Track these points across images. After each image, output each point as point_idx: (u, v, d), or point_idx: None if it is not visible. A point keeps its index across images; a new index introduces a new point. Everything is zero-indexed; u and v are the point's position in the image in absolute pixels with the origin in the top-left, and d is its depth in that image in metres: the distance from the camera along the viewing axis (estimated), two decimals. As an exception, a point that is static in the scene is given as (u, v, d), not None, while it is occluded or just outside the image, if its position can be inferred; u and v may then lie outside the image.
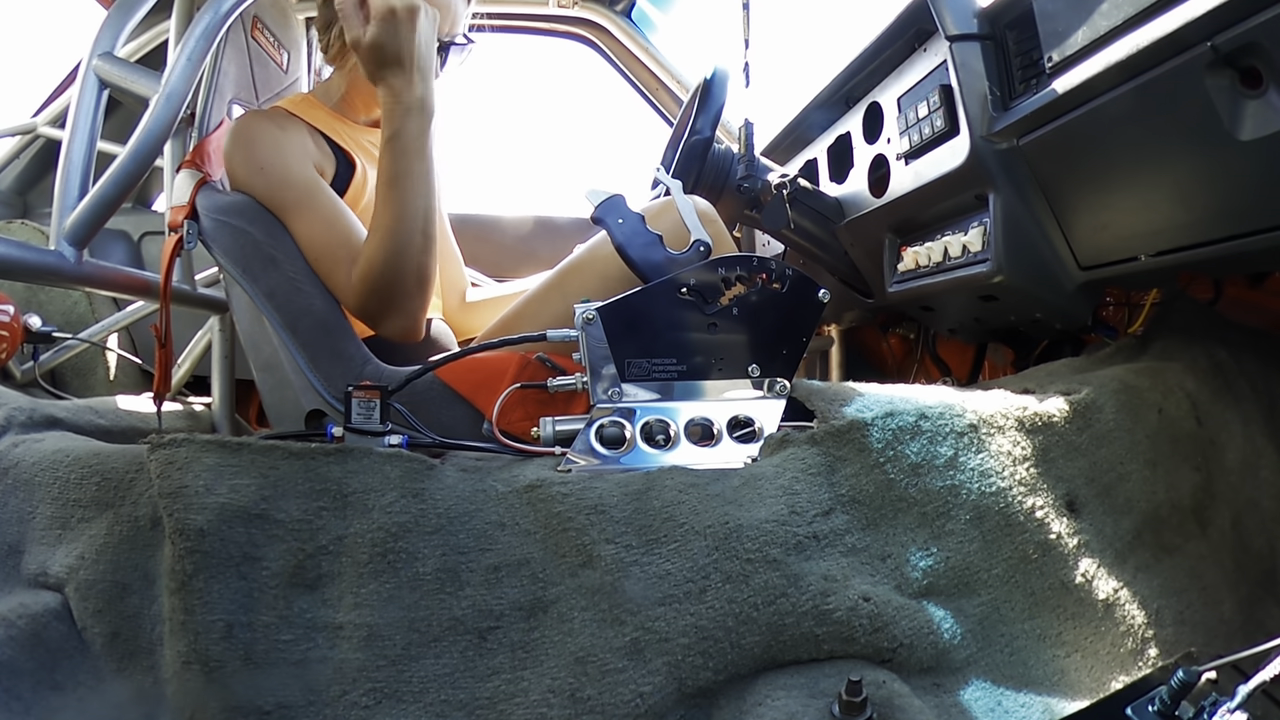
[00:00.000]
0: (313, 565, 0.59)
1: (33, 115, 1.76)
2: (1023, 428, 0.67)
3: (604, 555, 0.57)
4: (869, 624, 0.55)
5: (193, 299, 1.30)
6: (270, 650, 0.57)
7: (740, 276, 0.73)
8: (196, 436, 0.63)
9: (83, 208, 0.98)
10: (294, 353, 0.98)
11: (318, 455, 0.62)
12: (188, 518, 0.58)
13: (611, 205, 0.79)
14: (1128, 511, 0.67)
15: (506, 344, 0.79)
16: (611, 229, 0.78)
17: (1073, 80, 0.68)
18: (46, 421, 0.87)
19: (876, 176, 1.05)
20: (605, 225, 0.78)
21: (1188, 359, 0.80)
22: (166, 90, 0.97)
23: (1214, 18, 0.54)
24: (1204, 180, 0.64)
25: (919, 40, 0.93)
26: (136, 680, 0.60)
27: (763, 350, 0.73)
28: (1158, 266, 0.73)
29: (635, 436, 0.68)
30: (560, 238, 1.86)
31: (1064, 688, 0.57)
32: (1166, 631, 0.62)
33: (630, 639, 0.55)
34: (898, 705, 0.50)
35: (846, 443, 0.63)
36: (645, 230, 0.78)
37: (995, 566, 0.61)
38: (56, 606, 0.62)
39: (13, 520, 0.68)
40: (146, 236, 1.92)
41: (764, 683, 0.54)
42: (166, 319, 1.04)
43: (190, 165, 1.07)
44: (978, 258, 0.86)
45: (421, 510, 0.60)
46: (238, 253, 0.99)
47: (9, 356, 1.40)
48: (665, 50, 1.85)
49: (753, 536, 0.57)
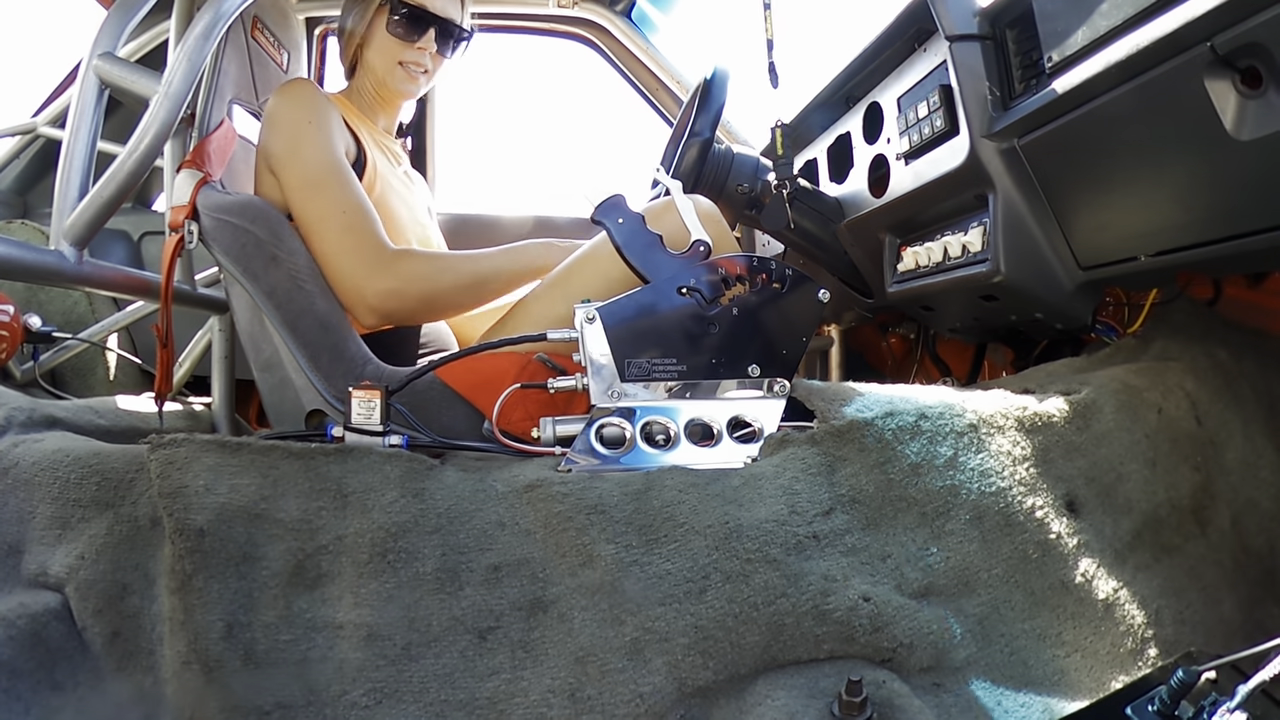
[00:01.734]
0: (313, 565, 0.59)
1: (33, 115, 1.76)
2: (1023, 428, 0.67)
3: (604, 555, 0.57)
4: (869, 624, 0.55)
5: (193, 299, 1.30)
6: (270, 650, 0.57)
7: (740, 276, 0.73)
8: (196, 436, 0.63)
9: (83, 208, 0.98)
10: (294, 352, 0.98)
11: (318, 455, 0.62)
12: (188, 517, 0.58)
13: (611, 205, 0.79)
14: (1127, 511, 0.67)
15: (507, 344, 0.79)
16: (611, 229, 0.78)
17: (1073, 80, 0.67)
18: (46, 421, 0.87)
19: (876, 176, 1.05)
20: (605, 226, 0.78)
21: (1188, 359, 0.80)
22: (166, 90, 0.97)
23: (1214, 18, 0.53)
24: (1204, 180, 0.64)
25: (919, 40, 0.93)
26: (136, 680, 0.60)
27: (762, 350, 0.73)
28: (1157, 266, 0.73)
29: (635, 436, 0.68)
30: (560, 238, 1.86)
31: (1064, 687, 0.57)
32: (1166, 631, 0.62)
33: (630, 638, 0.55)
34: (897, 705, 0.50)
35: (846, 443, 0.63)
36: (645, 231, 0.78)
37: (995, 566, 0.61)
38: (56, 606, 0.62)
39: (13, 520, 0.68)
40: (146, 236, 1.92)
41: (764, 682, 0.54)
42: (168, 319, 1.05)
43: (190, 165, 1.07)
44: (978, 258, 0.86)
45: (421, 510, 0.60)
46: (238, 252, 1.00)
47: (9, 356, 1.40)
48: (665, 50, 1.85)
49: (753, 536, 0.57)
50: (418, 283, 0.98)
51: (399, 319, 1.02)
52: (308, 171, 0.98)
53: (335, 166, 0.99)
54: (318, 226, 0.98)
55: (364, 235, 0.97)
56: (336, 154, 1.00)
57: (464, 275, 1.01)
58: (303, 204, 0.99)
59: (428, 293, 0.99)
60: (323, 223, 0.97)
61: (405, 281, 0.97)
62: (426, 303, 1.00)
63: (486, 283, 1.02)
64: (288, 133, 1.00)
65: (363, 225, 0.97)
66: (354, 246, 0.96)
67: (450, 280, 1.00)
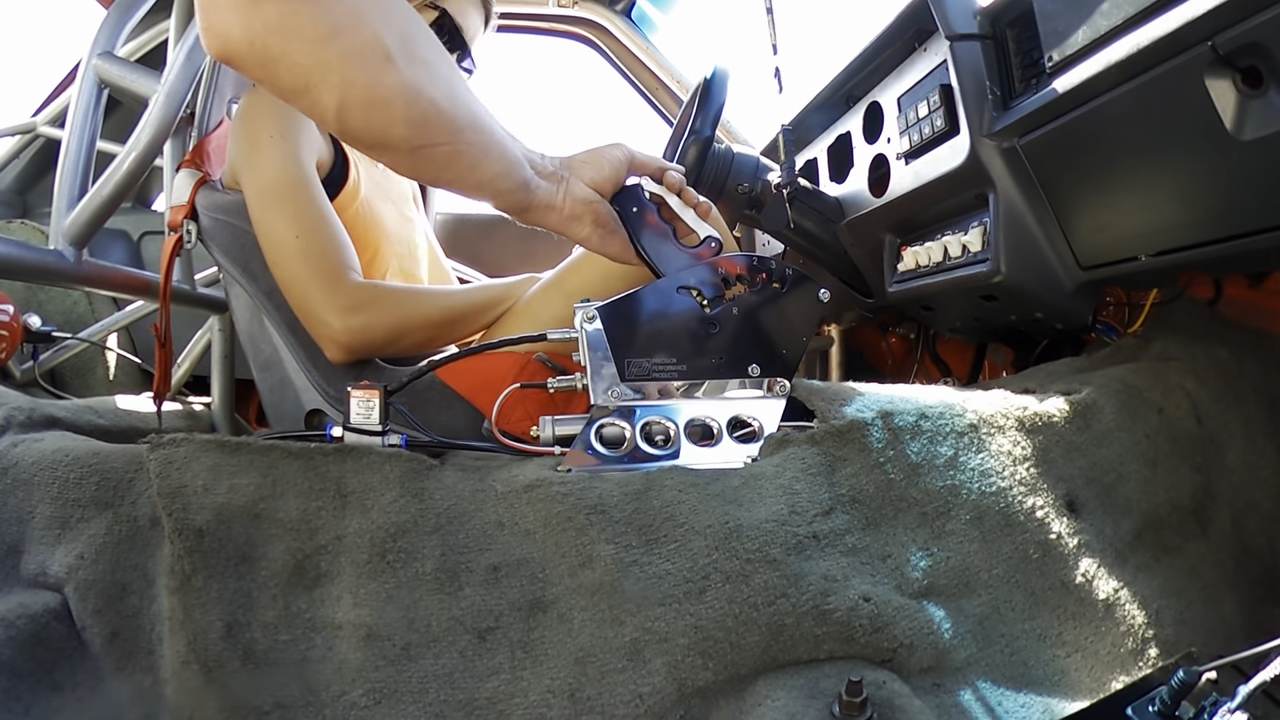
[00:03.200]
0: (312, 565, 0.59)
1: (33, 115, 1.77)
2: (1023, 428, 0.67)
3: (604, 555, 0.57)
4: (869, 624, 0.55)
5: (192, 299, 1.30)
6: (269, 650, 0.57)
7: (740, 276, 0.73)
8: (196, 436, 0.63)
9: (82, 207, 0.98)
10: (294, 352, 0.98)
11: (317, 454, 0.62)
12: (187, 517, 0.58)
13: (629, 194, 0.79)
14: (1128, 511, 0.67)
15: (506, 344, 0.79)
16: (626, 217, 0.78)
17: (1073, 80, 0.67)
18: (46, 421, 0.87)
19: (876, 176, 1.05)
20: (621, 212, 0.78)
21: (1188, 359, 0.80)
22: (166, 90, 0.97)
23: (1214, 17, 0.53)
24: (1204, 180, 0.64)
25: (919, 40, 0.93)
26: (136, 680, 0.60)
27: (763, 350, 0.73)
28: (1158, 266, 0.72)
29: (635, 436, 0.68)
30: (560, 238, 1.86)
31: (1064, 688, 0.57)
32: (1167, 631, 0.62)
33: (630, 639, 0.55)
34: (898, 705, 0.50)
35: (847, 442, 0.63)
36: (659, 221, 0.78)
37: (995, 566, 0.61)
38: (56, 606, 0.62)
39: (12, 520, 0.68)
40: (146, 236, 1.93)
41: (764, 683, 0.54)
42: (166, 319, 1.05)
43: (190, 165, 1.07)
44: (978, 258, 0.86)
45: (421, 510, 0.60)
46: (237, 252, 0.99)
47: (9, 356, 1.40)
48: (665, 50, 1.85)
49: (753, 536, 0.57)
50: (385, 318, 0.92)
51: (366, 355, 0.96)
52: (263, 187, 0.93)
53: (294, 183, 0.93)
54: (272, 248, 0.93)
55: (322, 262, 0.91)
56: (298, 170, 0.94)
57: (435, 311, 0.96)
58: (258, 221, 0.94)
59: (395, 329, 0.93)
60: (278, 245, 0.92)
61: (372, 318, 0.91)
62: (394, 339, 0.94)
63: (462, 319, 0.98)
64: (246, 144, 0.96)
65: (321, 250, 0.91)
66: (312, 275, 0.91)
67: (420, 317, 0.95)
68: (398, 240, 1.14)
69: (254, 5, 0.50)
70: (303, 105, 0.55)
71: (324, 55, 0.52)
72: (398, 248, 1.13)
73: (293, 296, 0.93)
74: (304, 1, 0.51)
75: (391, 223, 1.13)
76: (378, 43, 0.54)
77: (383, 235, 1.10)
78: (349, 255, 0.94)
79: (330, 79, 0.53)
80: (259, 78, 0.54)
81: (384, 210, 1.11)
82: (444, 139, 0.60)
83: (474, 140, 0.62)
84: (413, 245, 1.18)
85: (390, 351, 0.97)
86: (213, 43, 0.52)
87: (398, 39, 0.55)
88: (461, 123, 0.61)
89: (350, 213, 1.03)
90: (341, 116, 0.55)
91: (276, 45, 0.51)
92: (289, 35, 0.51)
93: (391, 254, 1.11)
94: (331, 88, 0.54)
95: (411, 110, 0.57)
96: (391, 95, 0.55)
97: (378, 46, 0.54)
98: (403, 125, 0.57)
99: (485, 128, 0.63)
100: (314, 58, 0.52)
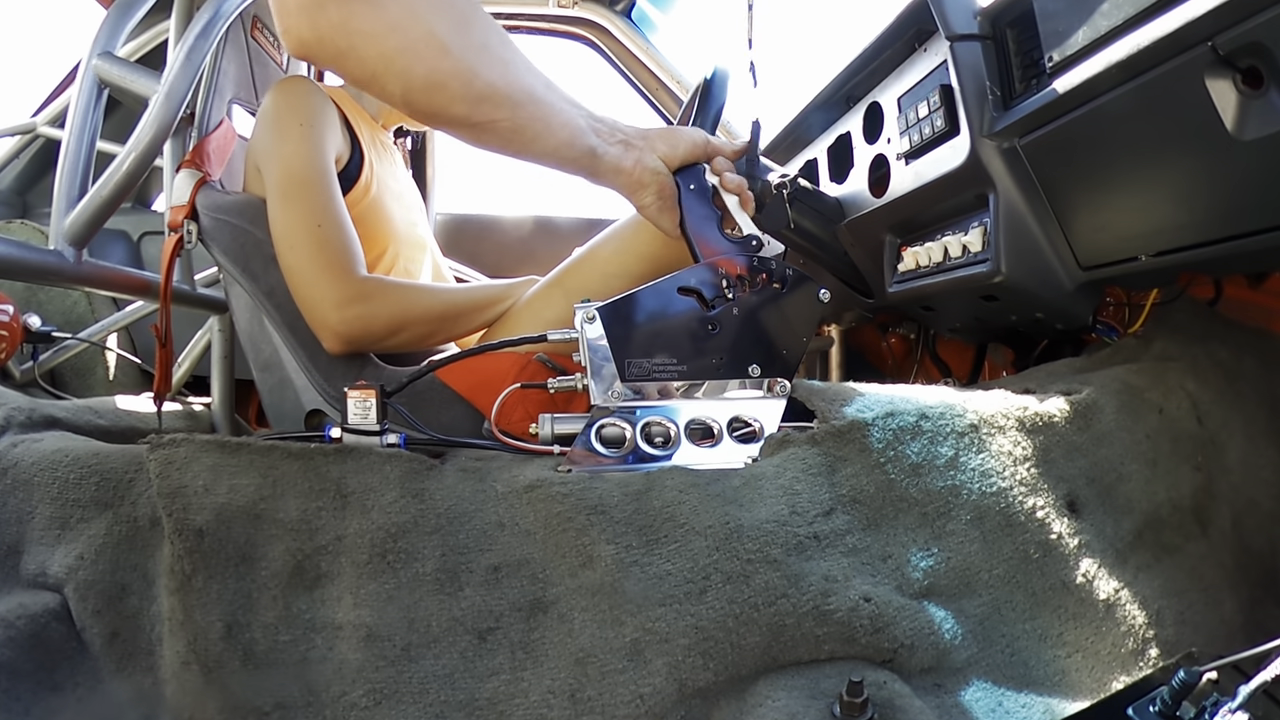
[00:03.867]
0: (312, 565, 0.59)
1: (32, 115, 1.77)
2: (1023, 428, 0.67)
3: (604, 555, 0.57)
4: (870, 624, 0.55)
5: (192, 299, 1.30)
6: (269, 650, 0.57)
7: (741, 276, 0.73)
8: (196, 436, 0.63)
9: (82, 207, 0.98)
10: (294, 352, 0.98)
11: (317, 455, 0.62)
12: (187, 517, 0.58)
13: (691, 172, 0.80)
14: (1128, 511, 0.67)
15: (507, 344, 0.79)
16: (682, 193, 0.79)
17: (1073, 80, 0.67)
18: (45, 421, 0.87)
19: (876, 176, 1.05)
20: (679, 188, 0.79)
21: (1189, 359, 0.80)
22: (166, 90, 0.97)
23: (1214, 17, 0.53)
24: (1204, 180, 0.64)
25: (919, 40, 0.93)
26: (136, 680, 0.60)
27: (763, 350, 0.73)
28: (1158, 266, 0.72)
29: (635, 436, 0.68)
30: (560, 238, 1.86)
31: (1065, 688, 0.57)
32: (1167, 632, 0.62)
33: (630, 639, 0.54)
34: (899, 706, 0.50)
35: (847, 443, 0.63)
36: (709, 204, 0.79)
37: (996, 567, 0.61)
38: (56, 607, 0.62)
39: (12, 520, 0.68)
40: (146, 236, 1.93)
41: (764, 683, 0.54)
42: (166, 319, 1.05)
43: (190, 165, 1.07)
44: (978, 258, 0.86)
45: (421, 510, 0.60)
46: (238, 252, 1.00)
47: (8, 356, 1.40)
48: (665, 50, 1.85)
49: (753, 536, 0.57)
50: (386, 311, 0.94)
51: (364, 347, 0.97)
52: (290, 174, 0.96)
53: (319, 174, 0.96)
54: (289, 235, 0.94)
55: (335, 254, 0.93)
56: (323, 161, 0.97)
57: (434, 306, 0.98)
58: (278, 208, 0.96)
59: (395, 323, 0.95)
60: (295, 232, 0.94)
61: (373, 310, 0.93)
62: (393, 333, 0.96)
63: (461, 316, 0.99)
64: (276, 132, 0.98)
65: (337, 241, 0.94)
66: (325, 265, 0.93)
67: (420, 312, 0.96)
68: (402, 238, 1.14)
69: (319, 9, 0.57)
70: (374, 91, 0.62)
71: (384, 49, 0.59)
72: (402, 246, 1.14)
73: (298, 285, 0.94)
74: (362, 3, 0.57)
75: (397, 221, 1.13)
76: (431, 34, 0.60)
77: (389, 233, 1.10)
78: (358, 249, 0.96)
79: (393, 69, 0.60)
80: (335, 70, 0.61)
81: (391, 208, 1.12)
82: (503, 115, 0.65)
83: (534, 113, 0.67)
84: (416, 244, 1.19)
85: (388, 345, 0.98)
86: (291, 43, 0.59)
87: (451, 27, 0.61)
88: (519, 99, 0.66)
89: (360, 208, 1.04)
90: (407, 100, 0.62)
91: (343, 42, 0.58)
92: (351, 34, 0.58)
93: (396, 251, 1.12)
94: (394, 77, 0.60)
95: (469, 91, 0.63)
96: (448, 79, 0.62)
97: (432, 38, 0.60)
98: (462, 105, 0.63)
99: (544, 100, 0.68)
100: (376, 52, 0.59)
